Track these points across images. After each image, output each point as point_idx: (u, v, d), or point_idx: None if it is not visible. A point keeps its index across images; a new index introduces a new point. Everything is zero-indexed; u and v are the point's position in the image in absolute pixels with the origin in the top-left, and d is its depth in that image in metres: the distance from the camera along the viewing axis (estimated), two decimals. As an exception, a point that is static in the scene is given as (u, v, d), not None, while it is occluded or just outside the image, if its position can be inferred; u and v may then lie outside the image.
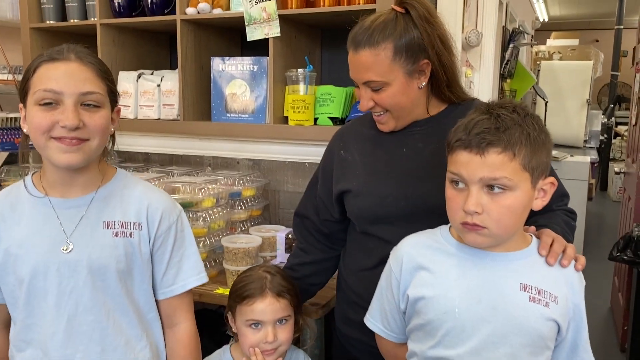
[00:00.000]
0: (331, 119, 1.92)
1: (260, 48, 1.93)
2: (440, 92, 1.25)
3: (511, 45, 4.03)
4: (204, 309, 1.91)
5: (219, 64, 2.04)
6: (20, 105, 1.08)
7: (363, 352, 1.35)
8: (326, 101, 1.94)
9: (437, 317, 0.99)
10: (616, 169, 4.03)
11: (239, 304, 1.29)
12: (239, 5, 1.95)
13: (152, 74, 2.19)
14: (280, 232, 1.79)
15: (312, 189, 1.46)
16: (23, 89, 1.06)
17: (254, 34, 1.91)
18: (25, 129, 1.08)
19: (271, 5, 1.85)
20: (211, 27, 2.14)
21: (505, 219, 0.94)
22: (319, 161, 1.47)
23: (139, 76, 2.17)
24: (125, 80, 2.18)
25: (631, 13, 7.75)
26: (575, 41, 8.16)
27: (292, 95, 1.92)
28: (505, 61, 4.02)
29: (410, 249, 1.07)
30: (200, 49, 2.10)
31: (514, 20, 5.00)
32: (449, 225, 1.06)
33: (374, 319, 1.14)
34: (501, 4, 3.95)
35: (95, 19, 2.14)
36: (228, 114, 2.04)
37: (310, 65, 1.91)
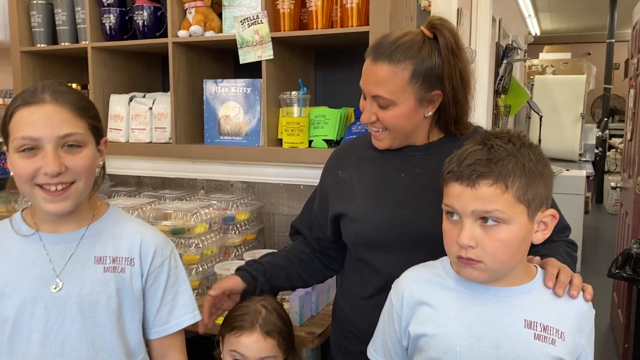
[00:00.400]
0: (326, 141, 1.90)
1: (253, 69, 1.91)
2: (445, 125, 1.23)
3: (505, 61, 4.04)
4: (197, 336, 1.87)
5: (211, 87, 2.02)
6: (5, 149, 1.05)
7: (360, 382, 1.31)
8: (320, 123, 1.92)
9: (439, 356, 0.95)
10: (612, 184, 4.02)
11: (228, 332, 1.26)
12: (231, 28, 1.93)
13: (144, 96, 2.17)
14: (275, 258, 1.75)
15: (310, 205, 1.45)
16: (4, 132, 1.03)
17: (246, 56, 1.89)
18: (12, 172, 1.04)
19: (264, 28, 1.84)
20: (203, 50, 2.12)
21: (501, 253, 0.90)
22: (314, 183, 1.45)
23: (131, 99, 2.15)
24: (117, 104, 2.15)
25: (622, 26, 7.82)
26: (567, 54, 8.22)
27: (286, 118, 1.89)
28: (499, 77, 4.03)
29: (410, 283, 1.04)
30: (192, 71, 2.08)
31: (507, 35, 5.03)
32: None
33: (377, 352, 1.11)
34: (494, 20, 3.97)
35: (87, 42, 2.12)
36: (221, 137, 2.02)
37: (304, 88, 1.89)
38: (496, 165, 0.89)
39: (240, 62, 1.90)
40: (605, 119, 7.56)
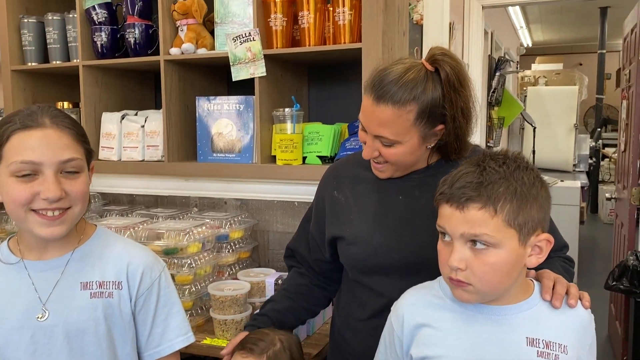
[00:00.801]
0: (320, 157, 1.88)
1: (247, 86, 1.90)
2: (445, 154, 1.21)
3: (497, 73, 4.06)
4: (192, 357, 1.84)
5: (204, 104, 2.01)
6: None
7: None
8: (314, 140, 1.90)
9: None
10: (607, 194, 4.03)
11: (239, 349, 1.23)
12: (223, 45, 1.92)
13: (136, 114, 2.15)
14: (269, 277, 1.73)
15: (306, 225, 1.42)
16: None
17: (239, 74, 1.88)
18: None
19: (256, 45, 1.83)
20: (196, 67, 2.11)
21: (490, 277, 0.90)
22: (308, 200, 1.43)
23: (123, 117, 2.13)
24: (109, 122, 2.13)
25: (612, 37, 7.90)
26: (559, 65, 8.29)
27: (280, 135, 1.88)
28: (492, 89, 4.05)
29: (410, 306, 1.03)
30: (185, 88, 2.07)
31: (499, 48, 5.06)
32: None
33: None
34: (486, 33, 3.99)
35: (78, 61, 2.10)
36: (214, 154, 2.00)
37: (297, 104, 1.88)
38: (486, 189, 0.88)
39: (233, 80, 1.89)
40: (599, 129, 7.60)
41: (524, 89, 6.79)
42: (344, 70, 2.06)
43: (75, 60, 2.14)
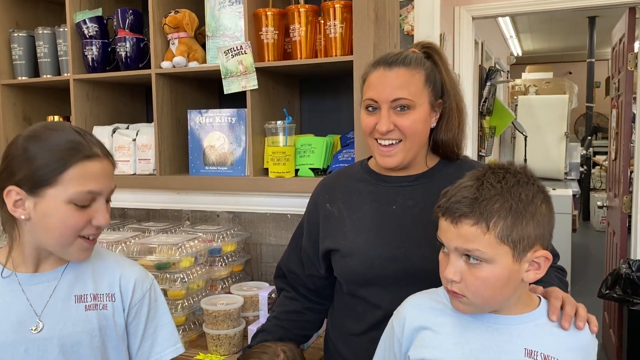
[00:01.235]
0: (312, 169, 1.88)
1: (238, 98, 1.90)
2: (444, 154, 1.26)
3: (488, 83, 4.08)
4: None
5: (196, 117, 2.00)
6: (15, 189, 1.00)
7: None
8: (307, 152, 1.90)
9: None
10: (599, 202, 4.05)
11: None
12: (215, 58, 1.92)
13: (128, 128, 2.15)
14: (262, 291, 1.71)
15: (297, 241, 1.40)
16: (38, 178, 0.99)
17: (231, 87, 1.88)
18: (23, 216, 1.01)
19: (248, 59, 1.83)
20: (187, 80, 2.11)
21: (482, 291, 0.90)
22: (301, 212, 1.42)
23: (114, 131, 2.12)
24: (100, 136, 2.10)
25: (601, 46, 7.99)
26: (549, 74, 8.37)
27: (272, 147, 1.88)
28: (483, 99, 4.07)
29: (412, 309, 1.04)
30: (176, 101, 2.06)
31: (489, 57, 5.10)
32: None
33: None
34: (476, 43, 4.02)
35: (69, 74, 2.09)
36: (206, 167, 1.99)
37: (289, 117, 1.88)
38: (480, 205, 0.88)
39: (225, 93, 1.89)
40: (589, 137, 7.66)
41: (515, 98, 6.84)
42: (335, 82, 2.07)
43: (66, 74, 2.13)
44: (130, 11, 2.03)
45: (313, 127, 2.12)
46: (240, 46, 1.84)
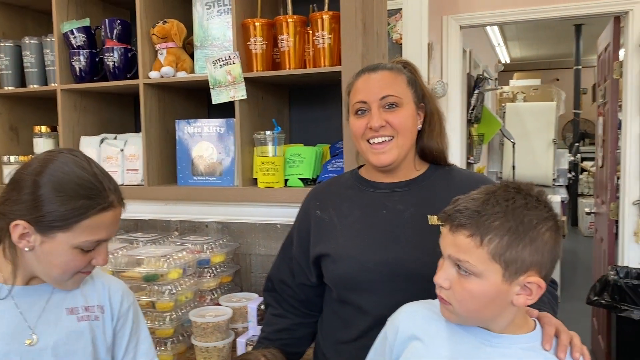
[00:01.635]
0: (302, 179, 1.88)
1: (227, 108, 1.90)
2: (432, 160, 1.30)
3: (476, 91, 4.11)
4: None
5: (184, 127, 2.00)
6: (23, 223, 0.98)
7: None
8: (296, 162, 1.90)
9: None
10: (586, 209, 4.08)
11: None
12: (203, 68, 1.92)
13: (115, 138, 2.13)
14: (251, 303, 1.71)
15: (287, 251, 1.40)
16: (50, 223, 0.98)
17: (219, 97, 1.88)
18: (27, 248, 1.00)
19: (236, 69, 1.83)
20: (176, 90, 2.10)
21: (467, 303, 0.91)
22: (291, 222, 1.41)
23: (102, 141, 2.11)
24: (87, 146, 2.10)
25: (587, 53, 8.08)
26: (537, 81, 8.44)
27: (261, 158, 1.87)
28: (471, 107, 4.09)
29: (407, 317, 1.04)
30: (165, 111, 2.06)
31: (477, 65, 5.13)
32: None
33: None
34: (464, 52, 4.04)
35: (56, 85, 2.08)
36: (195, 177, 1.98)
37: (278, 127, 1.88)
38: (480, 219, 0.88)
39: (213, 103, 1.88)
40: (577, 143, 7.73)
41: (503, 105, 6.90)
42: (324, 92, 2.07)
43: (53, 84, 2.12)
44: (118, 21, 2.02)
45: (302, 137, 2.11)
46: (229, 56, 1.84)
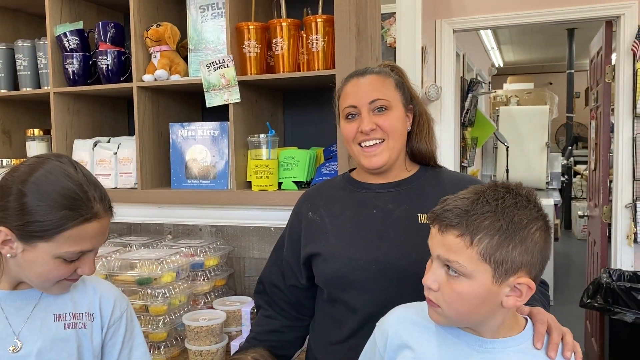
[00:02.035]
0: (296, 182, 1.88)
1: (221, 111, 1.90)
2: (421, 161, 1.32)
3: (470, 94, 4.12)
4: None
5: (178, 130, 1.99)
6: (5, 230, 0.97)
7: None
8: (290, 165, 1.90)
9: None
10: (580, 212, 4.10)
11: None
12: (197, 71, 1.92)
13: (109, 141, 2.12)
14: (245, 306, 1.70)
15: (278, 254, 1.41)
16: (32, 232, 0.96)
17: (213, 100, 1.88)
18: (10, 254, 0.99)
19: (230, 72, 1.83)
20: (169, 93, 2.10)
21: (457, 305, 0.89)
22: (284, 226, 1.42)
23: (95, 144, 2.10)
24: (81, 149, 2.10)
25: (580, 57, 8.13)
26: (530, 84, 8.49)
27: (255, 161, 1.87)
28: (465, 110, 4.11)
29: (397, 324, 1.01)
30: (158, 114, 2.05)
31: (471, 69, 5.16)
32: None
33: None
34: (458, 55, 4.06)
35: (49, 88, 2.07)
36: (189, 180, 1.98)
37: (272, 130, 1.88)
38: (469, 219, 0.87)
39: (207, 106, 1.88)
40: (570, 146, 7.77)
41: (496, 108, 6.93)
42: (318, 95, 2.07)
43: (46, 87, 2.11)
44: (112, 24, 2.02)
45: (296, 140, 2.12)
46: (223, 59, 1.84)
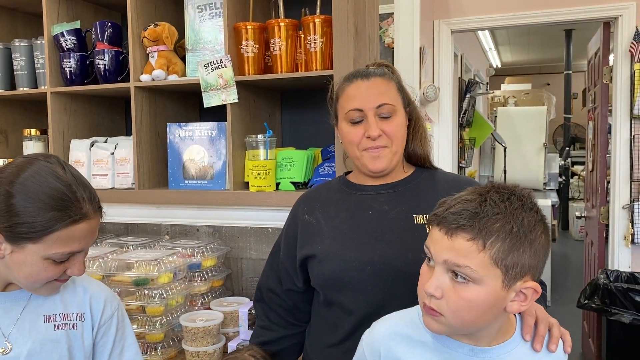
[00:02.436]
0: (293, 183, 1.87)
1: (219, 111, 1.89)
2: (417, 163, 1.33)
3: (468, 95, 4.13)
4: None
5: (175, 130, 1.99)
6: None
7: None
8: (287, 165, 1.89)
9: None
10: (577, 213, 4.10)
11: None
12: (195, 71, 1.91)
13: (106, 141, 2.12)
14: (242, 307, 1.70)
15: (275, 258, 1.41)
16: (20, 234, 0.96)
17: (211, 100, 1.87)
18: (24, 269, 0.99)
19: (228, 72, 1.83)
20: (167, 93, 2.09)
21: (463, 313, 0.84)
22: (282, 226, 1.42)
23: (92, 144, 2.09)
24: (78, 149, 2.09)
25: (577, 58, 8.15)
26: (528, 85, 8.50)
27: (253, 161, 1.87)
28: (463, 111, 4.11)
29: (389, 340, 0.96)
30: (156, 115, 2.04)
31: (469, 70, 5.16)
32: None
33: None
34: (456, 56, 4.06)
35: (46, 87, 2.06)
36: (186, 181, 1.97)
37: (270, 131, 1.87)
38: (480, 221, 0.82)
39: (205, 106, 1.88)
40: (567, 147, 7.78)
41: (494, 109, 6.94)
42: (316, 95, 2.06)
43: (43, 87, 2.10)
44: (109, 24, 2.01)
45: (294, 141, 2.11)
46: (220, 59, 1.83)
